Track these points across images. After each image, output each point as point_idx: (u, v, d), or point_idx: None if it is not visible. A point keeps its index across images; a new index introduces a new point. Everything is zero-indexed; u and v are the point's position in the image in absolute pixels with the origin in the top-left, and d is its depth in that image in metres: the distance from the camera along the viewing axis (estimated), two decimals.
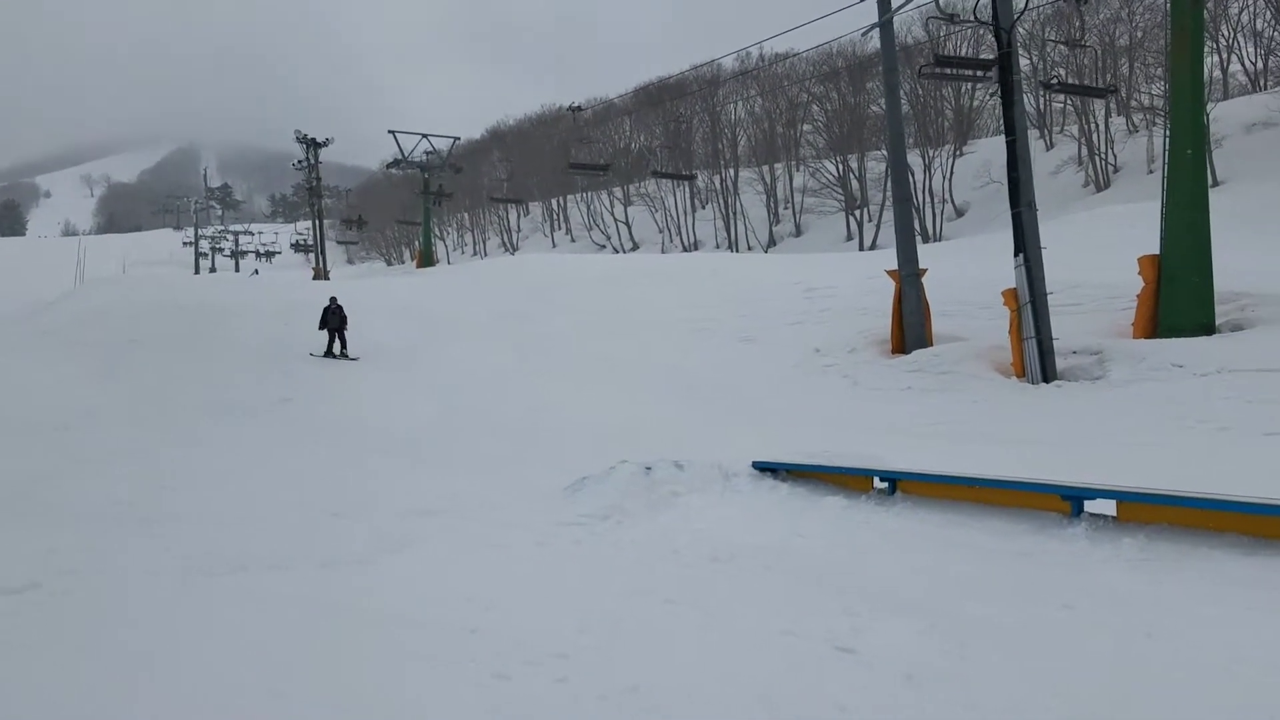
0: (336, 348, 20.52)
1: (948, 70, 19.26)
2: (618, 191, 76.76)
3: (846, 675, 4.26)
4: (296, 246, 70.52)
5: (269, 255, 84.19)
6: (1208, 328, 16.01)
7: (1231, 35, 49.66)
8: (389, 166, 59.17)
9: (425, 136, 50.69)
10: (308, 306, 22.67)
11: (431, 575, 6.35)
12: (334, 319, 20.39)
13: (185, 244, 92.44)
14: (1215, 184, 35.20)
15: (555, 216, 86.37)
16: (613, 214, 76.08)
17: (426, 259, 52.09)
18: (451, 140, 51.98)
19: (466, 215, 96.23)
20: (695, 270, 28.97)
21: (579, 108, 32.80)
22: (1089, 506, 6.54)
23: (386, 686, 4.26)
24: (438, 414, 15.43)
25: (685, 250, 65.42)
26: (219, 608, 5.55)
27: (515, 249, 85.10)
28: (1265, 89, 46.65)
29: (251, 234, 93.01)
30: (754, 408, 15.65)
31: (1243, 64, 52.00)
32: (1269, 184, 34.45)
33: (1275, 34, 43.18)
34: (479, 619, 5.14)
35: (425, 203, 51.89)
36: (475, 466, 11.41)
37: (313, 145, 52.29)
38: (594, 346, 20.68)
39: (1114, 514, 6.37)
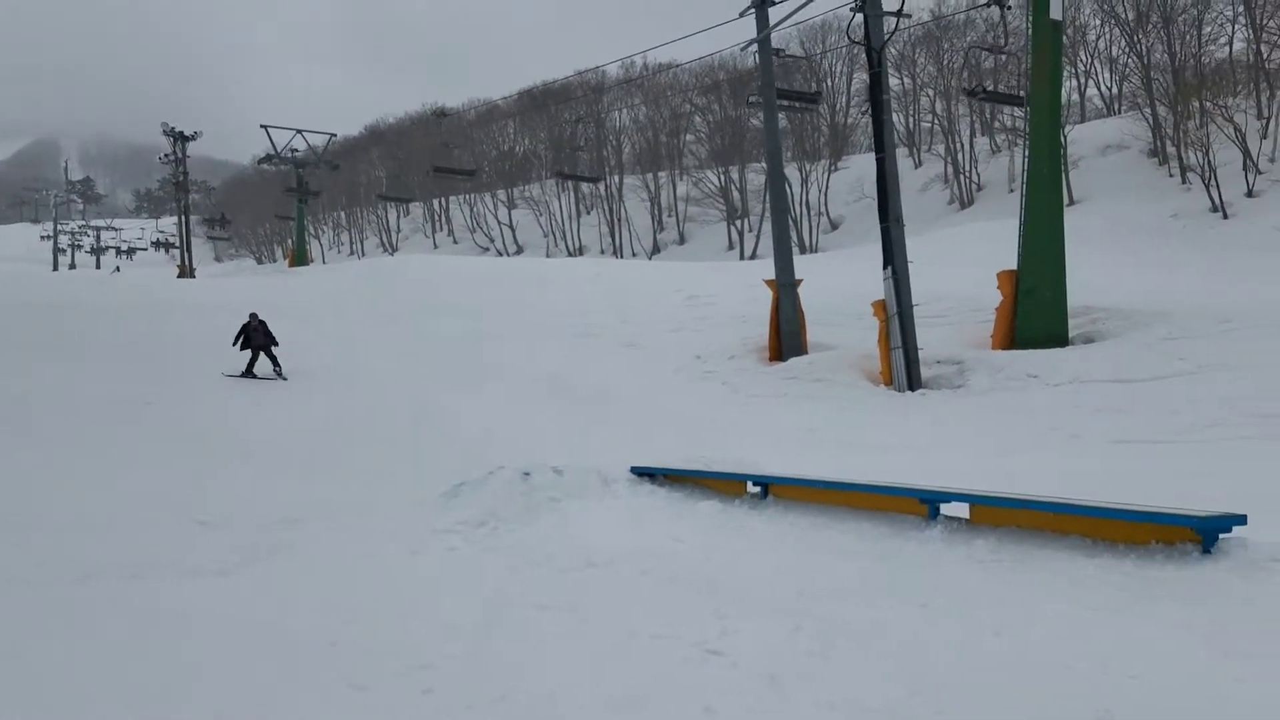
0: (261, 367, 18.38)
1: (782, 101, 20.72)
2: (501, 194, 76.12)
3: (714, 677, 4.36)
4: (158, 244, 67.43)
5: (130, 252, 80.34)
6: (1061, 340, 16.99)
7: (1089, 61, 52.84)
8: (261, 162, 57.33)
9: (299, 132, 49.40)
10: (177, 308, 21.70)
11: (294, 585, 6.20)
12: (257, 337, 18.28)
13: (44, 238, 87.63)
14: (1071, 203, 37.26)
15: (437, 218, 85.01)
16: (496, 217, 75.41)
17: (300, 258, 50.64)
18: (328, 137, 50.77)
19: (343, 214, 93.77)
20: (580, 275, 29.04)
21: (443, 112, 32.56)
22: (945, 510, 6.86)
23: (234, 699, 4.14)
24: (312, 419, 14.99)
25: (570, 255, 65.40)
26: (63, 616, 5.31)
27: (395, 249, 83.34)
28: (1119, 113, 49.68)
29: (115, 229, 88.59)
30: (635, 413, 15.79)
31: (1099, 89, 55.38)
32: (1120, 203, 36.74)
33: (1129, 61, 46.10)
34: (340, 631, 5.05)
35: (299, 200, 50.48)
36: (350, 473, 11.15)
37: (180, 139, 50.15)
38: (477, 350, 20.48)
39: (968, 517, 6.70)
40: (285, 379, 17.92)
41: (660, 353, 20.22)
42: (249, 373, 18.08)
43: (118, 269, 70.93)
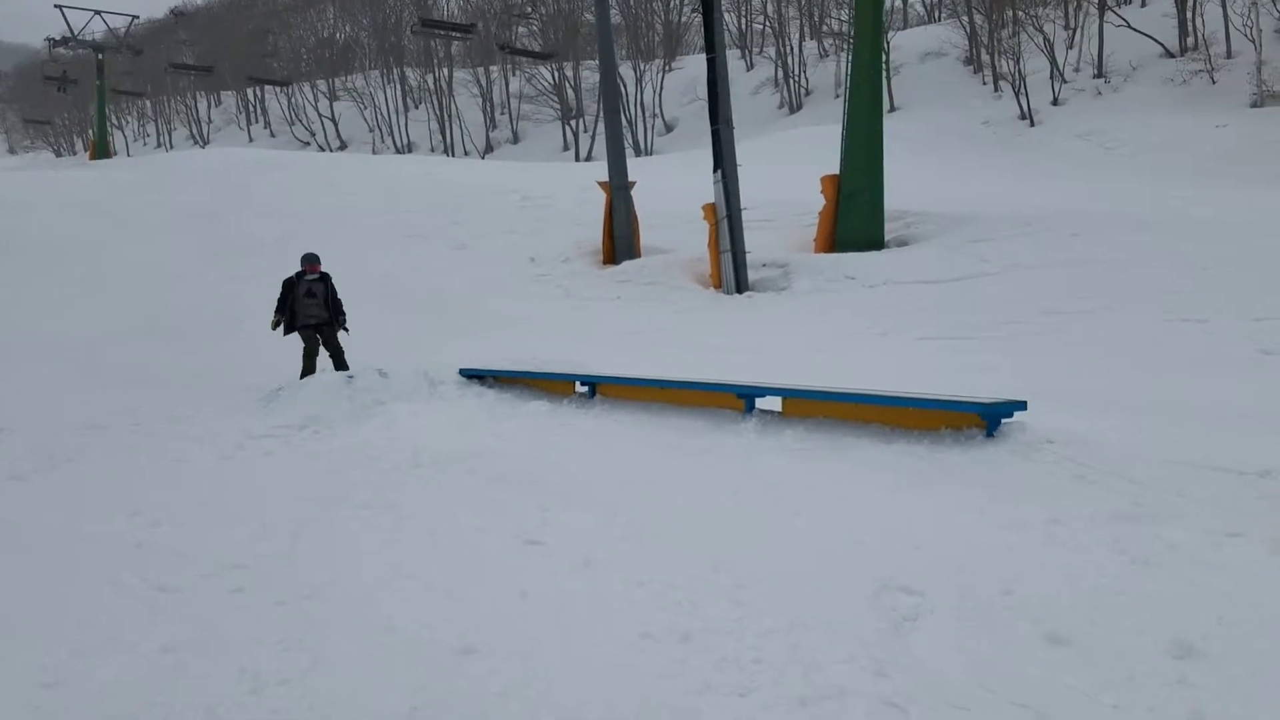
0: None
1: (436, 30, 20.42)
2: (322, 85, 71.97)
3: (531, 564, 4.50)
4: None
5: None
6: (878, 243, 17.72)
7: None
8: (55, 46, 52.00)
9: (98, 14, 45.13)
10: None
11: (96, 491, 5.92)
12: (312, 306, 10.64)
13: None
14: (892, 109, 38.53)
15: (252, 109, 79.69)
16: (317, 109, 71.38)
17: (101, 150, 46.68)
18: (130, 19, 46.52)
19: (149, 104, 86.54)
20: (408, 173, 28.01)
21: None
22: (760, 404, 7.19)
23: (32, 603, 3.98)
24: (118, 322, 14.08)
25: (398, 152, 62.89)
26: None
27: (206, 142, 77.84)
28: (940, 20, 51.37)
29: None
30: (466, 316, 15.60)
31: None
32: (937, 110, 38.27)
33: None
34: (146, 533, 4.89)
35: (99, 88, 46.26)
36: (160, 378, 10.59)
37: None
38: (298, 250, 19.54)
39: (780, 410, 7.05)
40: (351, 376, 9.61)
41: (493, 255, 19.93)
42: (310, 369, 10.26)
43: None
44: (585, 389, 8.87)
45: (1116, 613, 3.71)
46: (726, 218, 16.57)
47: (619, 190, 19.56)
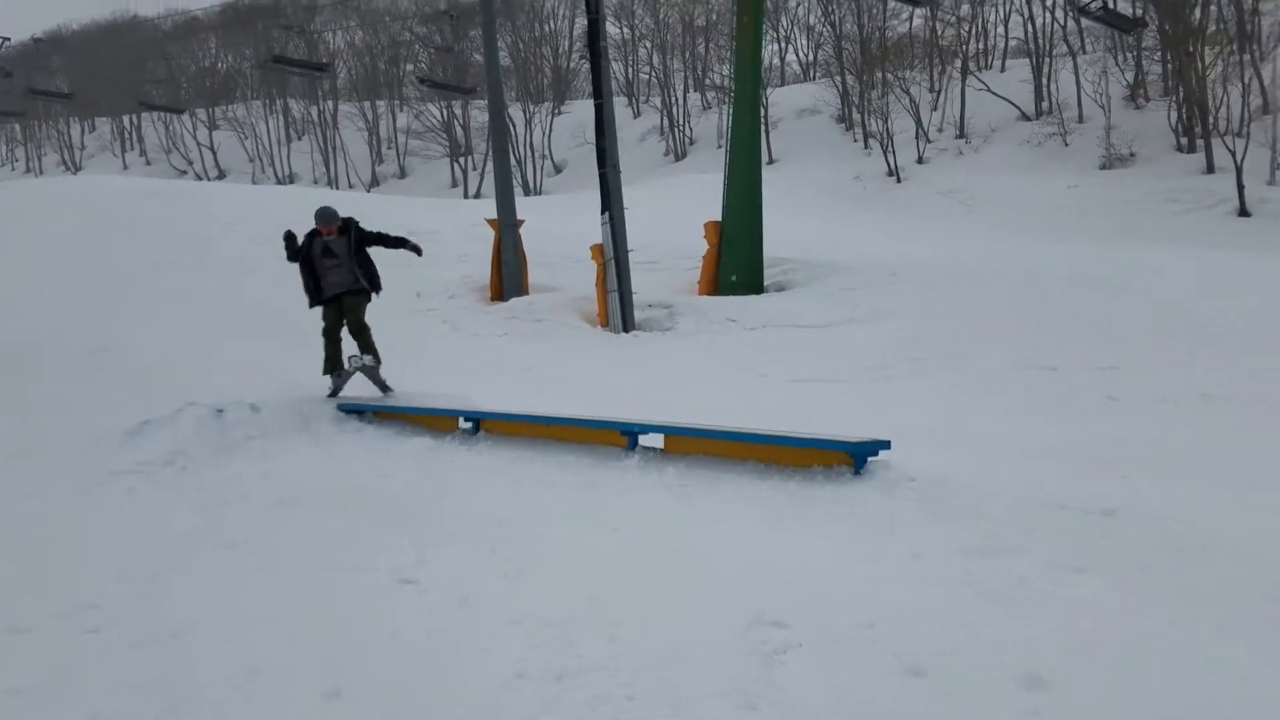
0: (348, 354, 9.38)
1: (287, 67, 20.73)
2: (202, 114, 69.80)
3: (405, 604, 4.44)
4: None
5: None
6: (758, 287, 18.28)
7: (790, 27, 56.37)
8: None
9: None
10: None
11: None
12: (333, 270, 9.05)
13: None
14: (771, 161, 39.83)
15: (128, 135, 76.61)
16: (195, 138, 69.13)
17: None
18: (1, 40, 44.30)
19: (18, 128, 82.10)
20: (289, 203, 27.34)
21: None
22: (643, 440, 7.30)
23: None
24: None
25: (279, 183, 61.32)
26: None
27: (78, 168, 74.33)
28: (815, 79, 53.48)
29: None
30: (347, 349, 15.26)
31: (797, 55, 59.34)
32: (813, 163, 39.78)
33: (824, 29, 49.64)
34: None
35: None
36: (14, 409, 10.00)
37: None
38: (171, 279, 18.84)
39: (662, 446, 7.17)
40: (390, 390, 9.45)
41: None
42: (337, 371, 9.15)
43: None
44: (469, 425, 8.81)
45: (971, 645, 3.89)
46: (614, 259, 16.79)
47: (508, 228, 19.60)
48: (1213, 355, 11.56)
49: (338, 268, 8.75)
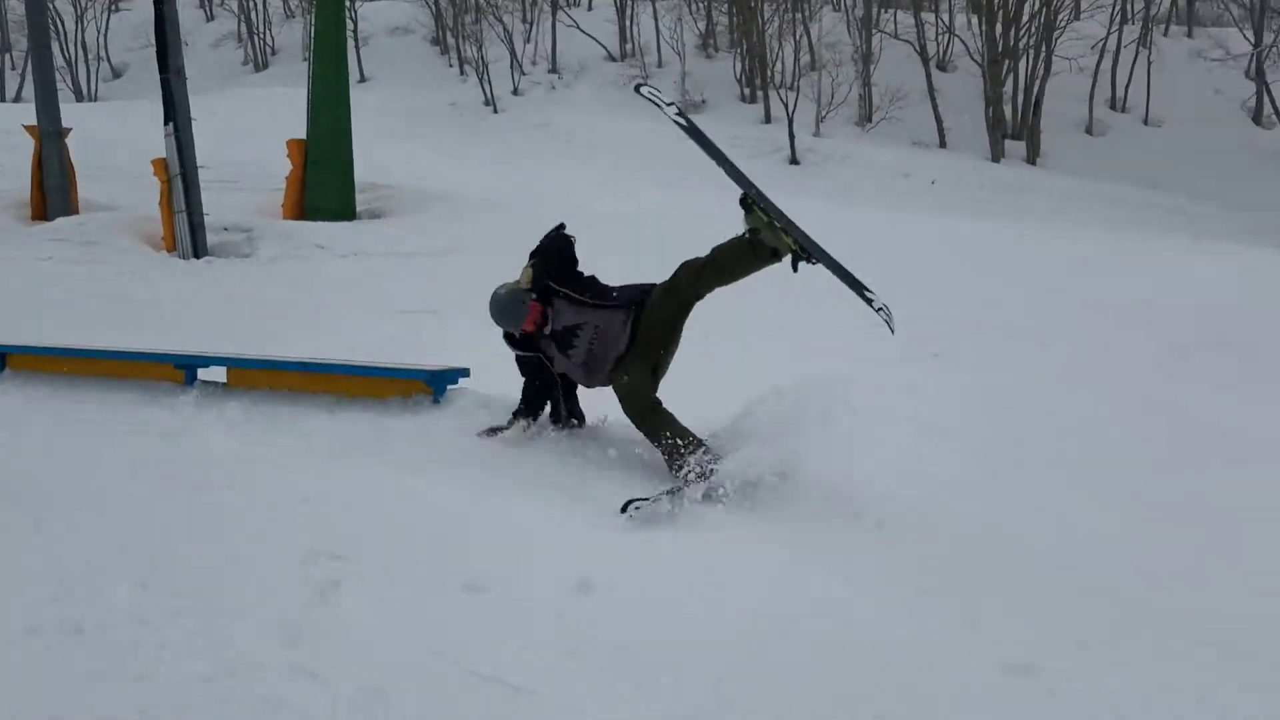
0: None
1: None
2: None
3: None
4: None
5: None
6: (349, 213, 17.58)
7: None
8: None
9: None
10: None
11: None
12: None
13: None
14: (362, 79, 38.27)
15: None
16: None
17: None
18: None
19: None
20: None
21: None
22: (203, 374, 6.72)
23: None
24: None
25: None
26: None
27: None
28: None
29: None
30: None
31: None
32: (407, 86, 38.67)
33: None
34: None
35: None
36: None
37: None
38: None
39: (225, 381, 6.66)
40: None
41: None
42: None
43: None
44: None
45: (529, 559, 4.11)
46: (180, 175, 15.25)
47: (50, 136, 17.12)
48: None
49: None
